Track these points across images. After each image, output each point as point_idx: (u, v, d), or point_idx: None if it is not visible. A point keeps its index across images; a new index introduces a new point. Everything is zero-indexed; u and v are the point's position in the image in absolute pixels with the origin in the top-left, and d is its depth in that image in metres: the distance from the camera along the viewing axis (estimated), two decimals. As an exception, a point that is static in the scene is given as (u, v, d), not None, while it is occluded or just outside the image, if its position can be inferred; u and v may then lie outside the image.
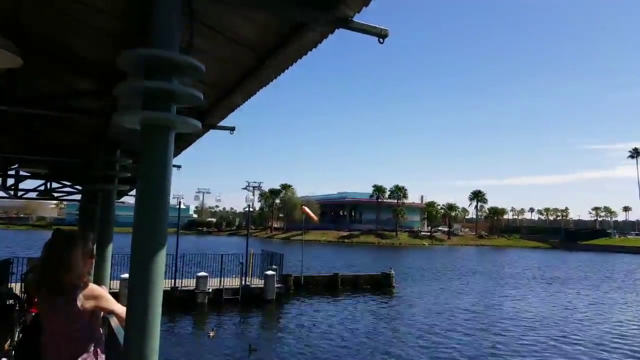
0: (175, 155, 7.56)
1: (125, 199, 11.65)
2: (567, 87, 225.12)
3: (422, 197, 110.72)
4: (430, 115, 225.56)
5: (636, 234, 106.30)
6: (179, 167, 8.95)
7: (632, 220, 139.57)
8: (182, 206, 29.02)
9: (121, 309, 2.75)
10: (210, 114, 4.55)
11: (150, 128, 2.05)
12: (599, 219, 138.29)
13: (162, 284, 2.04)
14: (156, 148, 2.04)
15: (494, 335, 16.90)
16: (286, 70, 3.11)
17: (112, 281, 18.34)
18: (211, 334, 15.85)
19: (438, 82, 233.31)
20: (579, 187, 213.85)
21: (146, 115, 2.03)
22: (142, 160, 2.08)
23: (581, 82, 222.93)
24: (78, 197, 10.06)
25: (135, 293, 2.00)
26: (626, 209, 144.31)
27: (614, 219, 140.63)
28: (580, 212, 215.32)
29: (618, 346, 15.77)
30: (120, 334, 2.73)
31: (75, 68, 4.42)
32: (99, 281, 5.06)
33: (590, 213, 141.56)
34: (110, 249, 5.84)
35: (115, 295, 3.09)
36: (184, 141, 6.24)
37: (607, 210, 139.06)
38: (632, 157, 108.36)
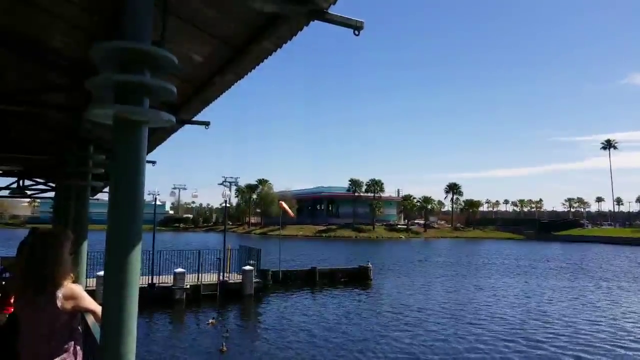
0: (150, 150, 7.44)
1: (100, 195, 11.45)
2: (539, 80, 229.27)
3: (398, 190, 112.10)
4: (405, 108, 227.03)
5: (608, 224, 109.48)
6: (153, 162, 8.79)
7: (605, 211, 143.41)
8: (158, 202, 28.61)
9: (98, 308, 2.72)
10: (185, 108, 4.49)
11: (122, 123, 2.01)
12: (573, 210, 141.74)
13: (137, 281, 2.02)
14: (129, 143, 2.01)
15: (468, 325, 17.22)
16: (261, 64, 3.09)
17: (88, 279, 18.12)
18: (211, 321, 16.57)
19: (412, 75, 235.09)
20: (553, 178, 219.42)
21: (118, 110, 1.99)
22: (115, 156, 2.04)
23: (553, 75, 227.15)
24: (52, 194, 9.84)
25: (110, 291, 1.97)
26: (599, 199, 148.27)
27: (587, 209, 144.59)
28: (554, 203, 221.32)
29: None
30: (97, 331, 2.70)
31: (46, 62, 4.29)
32: (75, 280, 4.95)
33: (563, 204, 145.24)
34: (85, 246, 5.74)
35: (92, 293, 3.05)
36: (159, 136, 6.15)
37: (580, 201, 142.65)
38: (604, 148, 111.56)
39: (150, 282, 20.20)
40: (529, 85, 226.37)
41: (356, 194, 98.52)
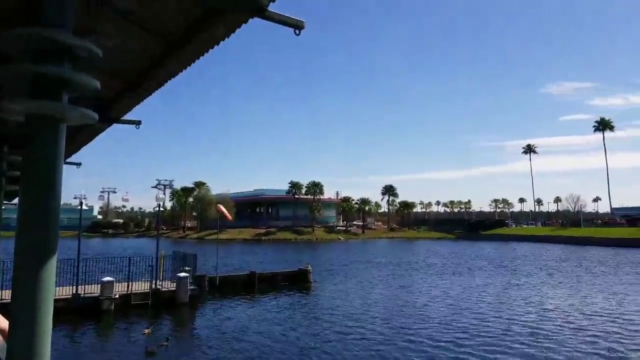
0: (74, 151, 6.98)
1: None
2: (464, 87, 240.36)
3: (337, 192, 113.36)
4: (344, 111, 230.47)
5: (530, 223, 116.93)
6: (78, 164, 8.25)
7: (527, 210, 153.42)
8: (85, 207, 27.02)
9: (5, 324, 2.44)
10: (114, 106, 4.21)
11: (37, 119, 1.80)
12: (498, 210, 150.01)
13: (52, 295, 1.81)
14: (44, 142, 1.80)
15: (406, 322, 17.63)
16: (197, 61, 2.93)
17: (2, 290, 16.73)
18: (146, 331, 15.62)
19: (345, 79, 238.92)
20: (480, 181, 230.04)
21: (32, 105, 1.78)
22: (28, 156, 1.82)
23: (478, 82, 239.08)
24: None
25: (19, 306, 1.76)
26: (521, 200, 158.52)
27: (511, 210, 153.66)
28: (481, 204, 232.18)
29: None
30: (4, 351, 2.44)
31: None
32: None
33: (490, 205, 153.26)
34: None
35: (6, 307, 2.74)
36: (85, 136, 5.75)
37: (505, 202, 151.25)
38: (525, 153, 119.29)
39: (74, 292, 18.92)
40: (454, 89, 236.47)
41: (296, 196, 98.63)
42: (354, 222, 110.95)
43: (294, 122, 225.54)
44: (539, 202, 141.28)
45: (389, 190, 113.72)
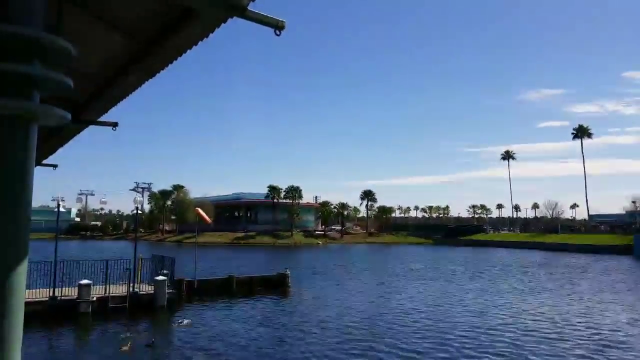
0: (50, 153, 6.84)
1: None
2: (442, 92, 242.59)
3: (316, 197, 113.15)
4: (323, 116, 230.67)
5: (507, 229, 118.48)
6: (54, 166, 8.10)
7: (504, 216, 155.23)
8: (62, 209, 26.42)
9: None
10: (89, 108, 4.13)
11: (5, 119, 1.74)
12: (476, 215, 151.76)
13: (22, 300, 1.76)
14: (13, 142, 1.74)
15: (383, 327, 17.71)
16: (174, 62, 2.89)
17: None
18: (124, 349, 14.15)
19: (323, 82, 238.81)
20: (457, 186, 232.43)
21: (-1, 103, 1.72)
22: (-4, 157, 1.77)
23: (452, 88, 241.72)
24: None
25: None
26: (499, 206, 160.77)
27: (489, 215, 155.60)
28: (459, 209, 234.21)
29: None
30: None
31: None
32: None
33: (468, 210, 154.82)
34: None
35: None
36: (60, 138, 5.64)
37: (483, 207, 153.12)
38: (504, 159, 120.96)
39: (51, 295, 18.61)
40: (432, 95, 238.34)
41: (275, 200, 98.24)
42: (333, 227, 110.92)
43: (272, 125, 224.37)
44: (516, 208, 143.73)
45: (367, 195, 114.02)
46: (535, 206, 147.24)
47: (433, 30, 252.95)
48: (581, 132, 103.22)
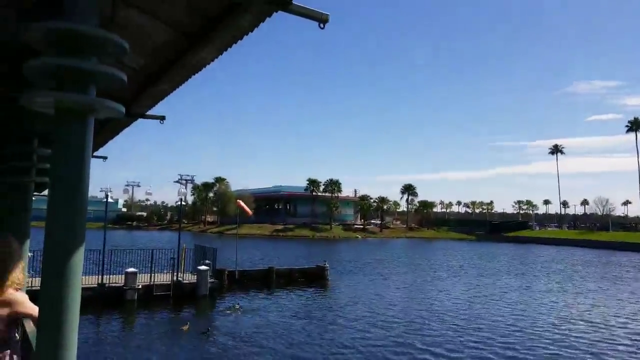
0: (100, 145, 7.11)
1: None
2: (485, 87, 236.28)
3: (355, 190, 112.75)
4: (364, 110, 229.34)
5: (555, 226, 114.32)
6: (104, 158, 8.42)
7: (552, 213, 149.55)
8: (110, 200, 27.52)
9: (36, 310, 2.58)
10: (137, 102, 4.27)
11: (65, 112, 1.84)
12: (522, 211, 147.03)
13: (79, 283, 1.86)
14: (72, 135, 1.84)
15: (421, 323, 17.54)
16: (220, 56, 2.94)
17: (33, 279, 17.25)
18: (184, 328, 15.67)
19: (364, 76, 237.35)
20: (499, 182, 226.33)
21: (59, 98, 1.82)
22: (56, 149, 1.87)
23: (503, 83, 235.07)
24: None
25: (48, 295, 1.82)
26: (546, 202, 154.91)
27: (535, 212, 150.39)
28: (504, 205, 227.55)
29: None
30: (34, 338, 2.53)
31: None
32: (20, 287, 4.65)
33: (513, 206, 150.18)
34: (27, 246, 5.38)
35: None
36: (110, 130, 5.86)
37: (529, 203, 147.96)
38: (552, 153, 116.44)
39: (100, 282, 19.48)
40: (476, 93, 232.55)
41: (314, 193, 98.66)
42: (372, 221, 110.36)
43: (312, 120, 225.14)
44: (564, 204, 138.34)
45: (408, 189, 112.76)
46: (584, 202, 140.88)
47: (482, 23, 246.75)
48: (636, 125, 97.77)
